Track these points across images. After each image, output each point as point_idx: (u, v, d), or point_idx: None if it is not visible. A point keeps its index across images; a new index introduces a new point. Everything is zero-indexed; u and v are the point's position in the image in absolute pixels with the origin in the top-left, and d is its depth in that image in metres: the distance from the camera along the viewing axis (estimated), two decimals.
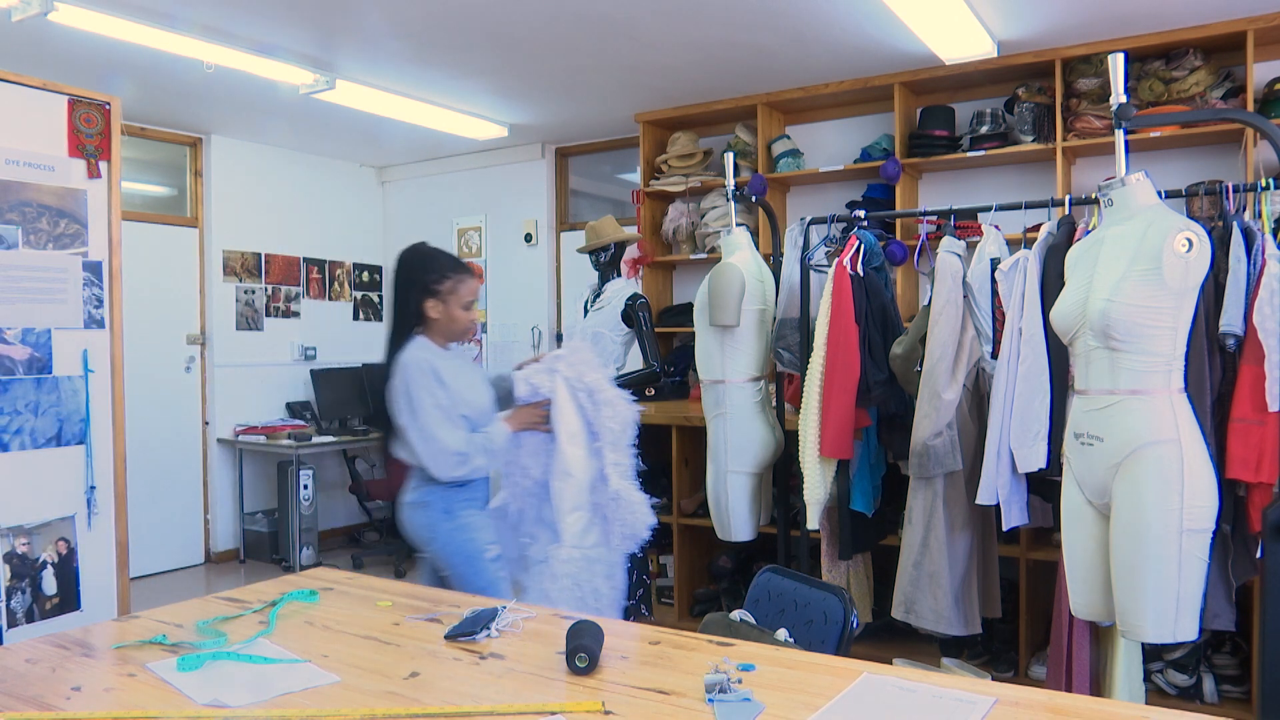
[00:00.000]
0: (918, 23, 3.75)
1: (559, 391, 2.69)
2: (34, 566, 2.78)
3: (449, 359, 2.61)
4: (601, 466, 2.69)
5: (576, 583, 2.66)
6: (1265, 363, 2.40)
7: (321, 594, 2.08)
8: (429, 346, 2.58)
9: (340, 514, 6.49)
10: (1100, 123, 4.05)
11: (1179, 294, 2.23)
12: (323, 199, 6.50)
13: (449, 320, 2.59)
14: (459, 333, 2.63)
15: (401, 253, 2.67)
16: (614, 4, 3.66)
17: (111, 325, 2.99)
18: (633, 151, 5.56)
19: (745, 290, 3.50)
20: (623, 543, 2.73)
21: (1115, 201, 2.41)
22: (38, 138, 2.84)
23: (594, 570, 2.70)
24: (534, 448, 2.72)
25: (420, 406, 2.50)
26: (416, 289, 2.58)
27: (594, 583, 2.69)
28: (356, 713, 1.39)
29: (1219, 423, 2.50)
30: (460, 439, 2.52)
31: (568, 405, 2.68)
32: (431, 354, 2.56)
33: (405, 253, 2.66)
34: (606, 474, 2.68)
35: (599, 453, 2.69)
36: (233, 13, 3.72)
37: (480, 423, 2.61)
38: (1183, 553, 2.24)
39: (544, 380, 2.70)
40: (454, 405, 2.53)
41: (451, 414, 2.52)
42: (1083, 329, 2.35)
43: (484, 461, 2.57)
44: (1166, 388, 2.27)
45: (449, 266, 2.61)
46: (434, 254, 2.65)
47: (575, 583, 2.66)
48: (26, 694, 1.49)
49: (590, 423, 2.70)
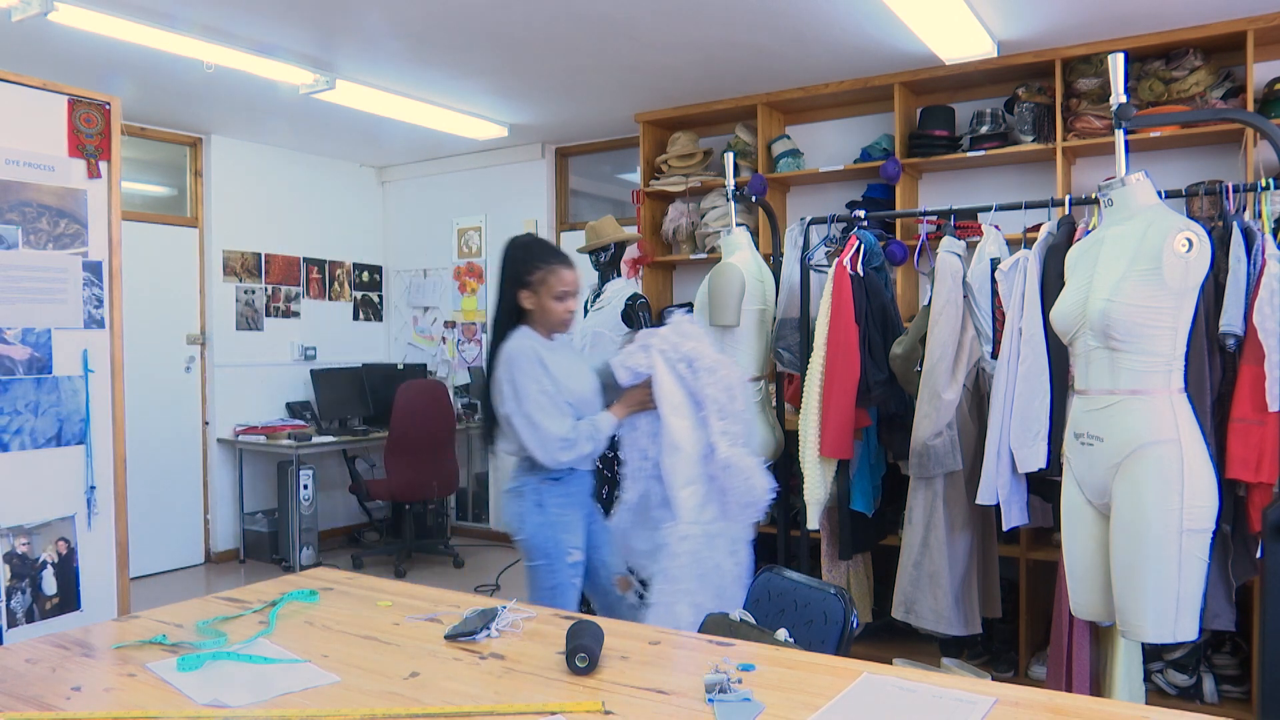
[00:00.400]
0: (918, 23, 3.75)
1: (656, 365, 2.61)
2: (34, 566, 2.78)
3: (553, 348, 2.61)
4: (709, 436, 2.59)
5: (697, 559, 2.58)
6: (1265, 363, 2.41)
7: (321, 594, 2.08)
8: (532, 336, 2.59)
9: (340, 514, 6.49)
10: (1100, 123, 4.05)
11: (1179, 294, 2.23)
12: (323, 199, 6.50)
13: (542, 311, 2.59)
14: (555, 323, 2.62)
15: (504, 245, 2.71)
16: (614, 4, 3.66)
17: (111, 325, 2.99)
18: (633, 151, 5.56)
19: (745, 290, 3.50)
20: (743, 513, 2.65)
21: (1115, 201, 2.42)
22: (38, 138, 2.84)
23: (715, 546, 2.61)
24: (651, 429, 2.64)
25: (525, 394, 2.50)
26: (511, 281, 2.61)
27: (715, 558, 2.60)
28: (356, 713, 1.39)
29: (1219, 423, 2.50)
30: (566, 425, 2.51)
31: (667, 378, 2.60)
32: (535, 343, 2.57)
33: (506, 244, 2.70)
34: (714, 443, 2.58)
35: (705, 422, 2.60)
36: (233, 13, 3.72)
37: (585, 412, 2.59)
38: (1183, 553, 2.24)
39: (640, 359, 2.63)
40: (559, 393, 2.53)
41: (557, 401, 2.52)
42: (1083, 329, 2.35)
43: (590, 449, 2.55)
44: (1166, 388, 2.27)
45: (540, 257, 2.61)
46: (528, 244, 2.68)
47: (695, 560, 2.58)
48: (26, 694, 1.49)
49: (692, 392, 2.60)
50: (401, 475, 5.50)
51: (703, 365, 2.61)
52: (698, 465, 2.61)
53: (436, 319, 6.70)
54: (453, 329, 6.61)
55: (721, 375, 2.62)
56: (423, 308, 6.77)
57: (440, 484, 5.65)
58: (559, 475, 2.59)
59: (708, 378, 2.61)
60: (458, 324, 6.59)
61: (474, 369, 6.51)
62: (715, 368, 2.62)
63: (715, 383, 2.61)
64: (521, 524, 2.61)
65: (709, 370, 2.61)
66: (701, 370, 2.61)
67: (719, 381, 2.62)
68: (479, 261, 6.46)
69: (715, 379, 2.61)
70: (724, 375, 2.63)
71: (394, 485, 5.52)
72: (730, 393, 2.63)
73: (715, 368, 2.62)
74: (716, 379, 2.61)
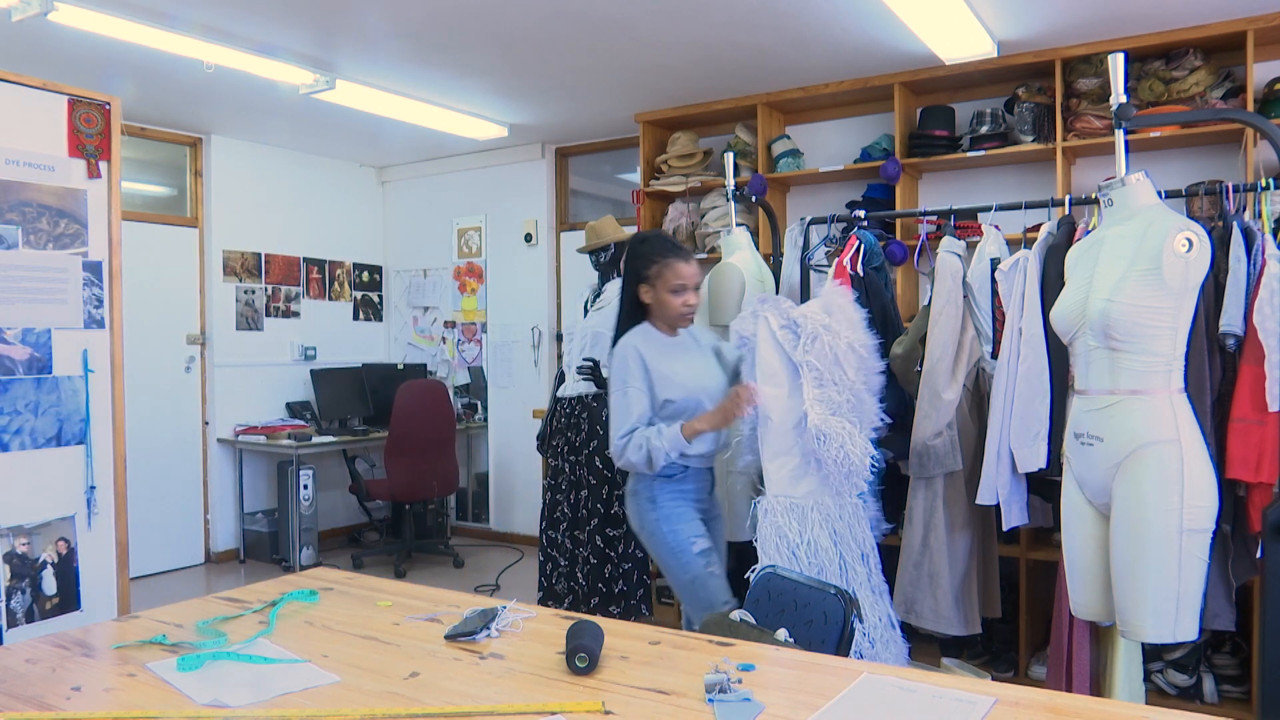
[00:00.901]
0: (918, 23, 3.75)
1: (760, 332, 2.55)
2: (34, 566, 2.77)
3: (668, 346, 2.61)
4: (802, 405, 2.49)
5: (781, 535, 2.51)
6: (1265, 363, 2.41)
7: (321, 594, 2.08)
8: (646, 332, 2.62)
9: (340, 514, 6.49)
10: (1100, 123, 4.05)
11: (1179, 294, 2.23)
12: (323, 199, 6.50)
13: (660, 305, 2.60)
14: (673, 317, 2.60)
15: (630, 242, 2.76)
16: (614, 4, 3.66)
17: (111, 325, 2.99)
18: (633, 151, 5.56)
19: (745, 290, 3.50)
20: (845, 484, 2.57)
21: (1115, 201, 2.42)
22: (38, 138, 2.84)
23: (808, 521, 2.54)
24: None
25: (612, 393, 2.57)
26: (632, 276, 2.64)
27: (810, 534, 2.52)
28: (356, 713, 1.39)
29: (1219, 423, 2.50)
30: (624, 430, 2.51)
31: (766, 345, 2.54)
32: (643, 339, 2.59)
33: (629, 240, 2.77)
34: (805, 411, 2.49)
35: (800, 391, 2.52)
36: (233, 13, 3.72)
37: (701, 406, 2.54)
38: (1183, 553, 2.24)
39: (748, 325, 2.59)
40: (662, 388, 2.52)
41: (633, 405, 2.51)
42: (1083, 329, 2.35)
43: (637, 459, 2.49)
44: (1166, 388, 2.27)
45: (657, 251, 2.61)
46: (648, 238, 2.72)
47: (779, 535, 2.50)
48: (26, 694, 1.49)
49: (792, 360, 2.52)
50: (401, 475, 5.49)
51: (806, 331, 2.54)
52: (789, 436, 2.53)
53: (436, 319, 6.70)
54: (453, 329, 6.61)
55: (825, 342, 2.54)
56: (423, 308, 6.77)
57: (440, 484, 5.65)
58: (671, 473, 2.57)
59: (809, 344, 2.53)
60: (458, 324, 6.59)
61: (474, 369, 6.51)
62: (817, 334, 2.53)
63: (817, 350, 2.53)
64: (641, 523, 2.62)
65: (811, 337, 2.53)
66: (804, 336, 2.53)
67: (821, 349, 2.53)
68: (479, 261, 6.46)
69: (818, 346, 2.53)
70: (829, 342, 2.54)
71: (394, 485, 5.52)
72: (837, 360, 2.53)
73: (817, 334, 2.53)
74: (818, 346, 2.53)
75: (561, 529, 3.90)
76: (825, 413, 2.50)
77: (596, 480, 3.78)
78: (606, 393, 3.81)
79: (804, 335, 2.55)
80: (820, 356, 2.52)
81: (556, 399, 4.00)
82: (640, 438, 2.49)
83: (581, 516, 3.82)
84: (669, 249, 2.58)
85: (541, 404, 5.47)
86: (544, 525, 3.99)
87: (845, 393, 2.55)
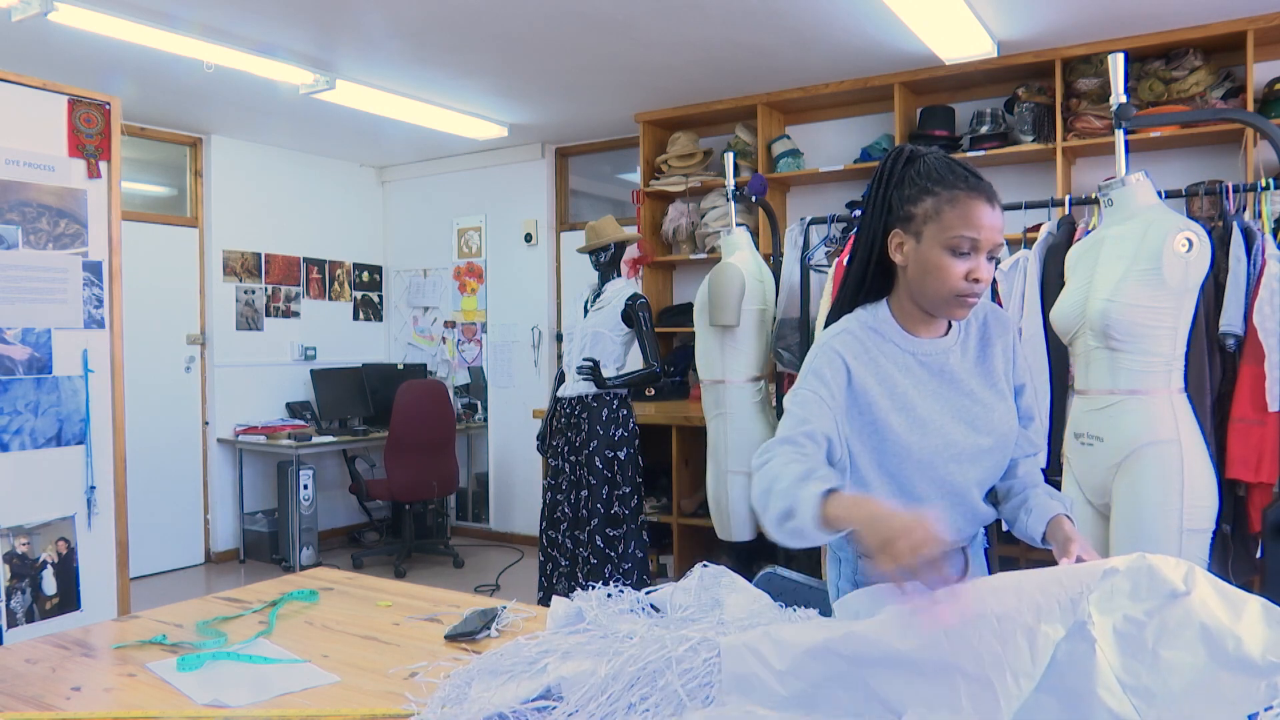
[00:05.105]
0: (918, 23, 3.75)
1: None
2: (34, 566, 2.78)
3: (909, 347, 1.52)
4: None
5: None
6: (1265, 363, 2.41)
7: (321, 594, 2.08)
8: (876, 319, 1.54)
9: (340, 514, 6.49)
10: (1100, 123, 4.06)
11: (1179, 294, 2.23)
12: (323, 199, 6.50)
13: (922, 269, 1.48)
14: (943, 295, 1.46)
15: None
16: (614, 4, 3.66)
17: (111, 325, 2.99)
18: (633, 151, 5.56)
19: (745, 290, 3.50)
20: None
21: (1115, 201, 2.42)
22: (38, 138, 2.84)
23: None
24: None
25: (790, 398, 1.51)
26: (881, 213, 1.59)
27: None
28: (356, 713, 1.39)
29: (1219, 423, 2.50)
30: (777, 438, 1.42)
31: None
32: (864, 335, 1.52)
33: (887, 155, 1.71)
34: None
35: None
36: (233, 13, 3.72)
37: (929, 469, 1.47)
38: (1183, 553, 2.24)
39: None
40: (871, 415, 1.46)
41: (806, 407, 1.43)
42: (1083, 329, 2.35)
43: (762, 502, 1.33)
44: (1166, 388, 2.27)
45: (936, 177, 1.51)
46: (920, 156, 1.58)
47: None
48: (26, 694, 1.49)
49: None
50: (401, 475, 5.49)
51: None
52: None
53: (436, 319, 6.70)
54: (453, 329, 6.61)
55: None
56: (423, 308, 6.77)
57: (440, 484, 5.65)
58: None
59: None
60: (458, 324, 6.59)
61: (474, 369, 6.51)
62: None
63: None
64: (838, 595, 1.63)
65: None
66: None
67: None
68: (479, 261, 6.46)
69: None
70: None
71: (394, 485, 5.52)
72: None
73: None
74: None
75: (562, 529, 3.90)
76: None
77: (597, 480, 3.78)
78: (607, 393, 3.84)
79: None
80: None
81: (556, 399, 4.00)
82: (784, 472, 1.31)
83: (582, 516, 3.82)
84: (957, 177, 1.47)
85: (541, 404, 5.47)
86: (544, 525, 3.99)
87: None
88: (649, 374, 3.78)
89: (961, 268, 1.43)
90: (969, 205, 1.44)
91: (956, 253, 1.43)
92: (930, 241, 1.45)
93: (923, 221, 1.46)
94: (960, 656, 1.09)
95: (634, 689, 1.18)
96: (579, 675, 1.22)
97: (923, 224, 1.46)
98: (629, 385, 3.80)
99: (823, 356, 1.49)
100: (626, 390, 3.83)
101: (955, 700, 1.08)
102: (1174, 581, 1.11)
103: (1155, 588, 1.12)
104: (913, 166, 1.52)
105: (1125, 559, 1.13)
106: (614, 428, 3.79)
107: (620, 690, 1.18)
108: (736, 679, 1.18)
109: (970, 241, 1.43)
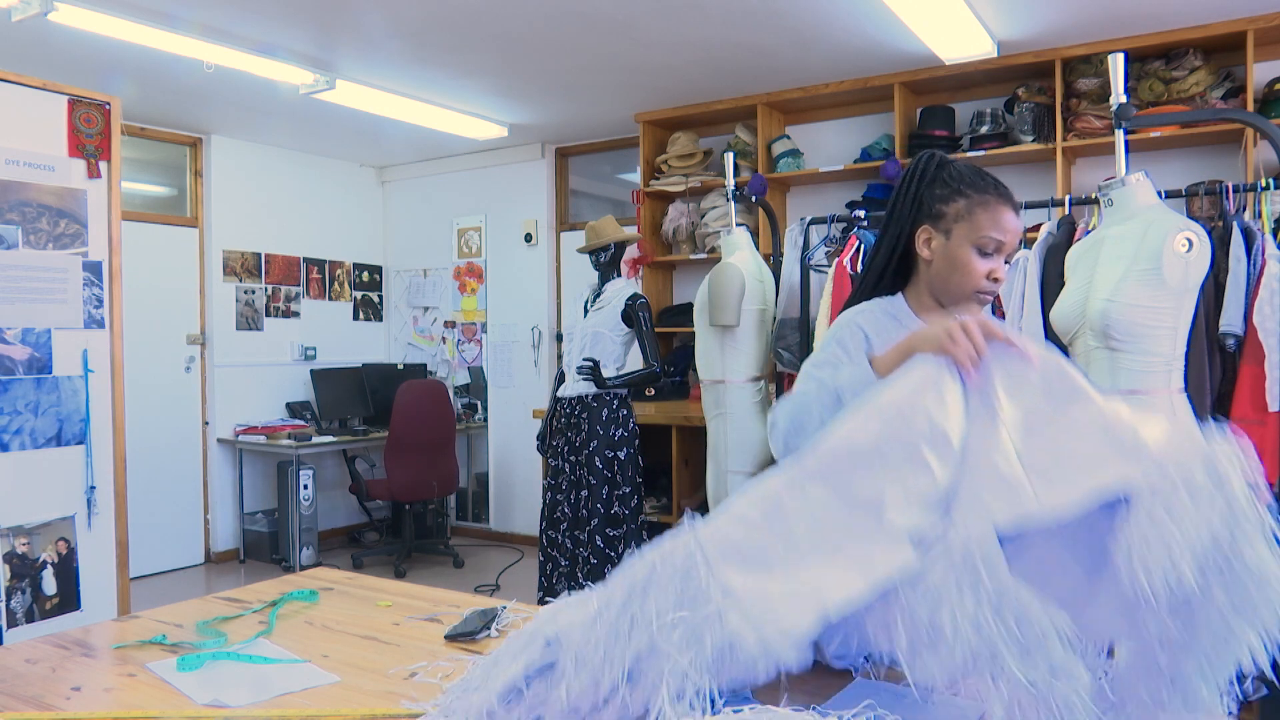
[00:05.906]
0: (918, 23, 3.75)
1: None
2: (34, 566, 2.78)
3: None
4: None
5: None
6: (1265, 363, 2.41)
7: (321, 594, 2.08)
8: (893, 309, 1.64)
9: (340, 514, 6.49)
10: (1100, 123, 4.06)
11: (1179, 294, 2.23)
12: (323, 199, 6.50)
13: (949, 264, 1.57)
14: (966, 290, 1.57)
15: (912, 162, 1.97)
16: (614, 4, 3.66)
17: (111, 325, 2.99)
18: (633, 151, 5.56)
19: (745, 290, 3.50)
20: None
21: (1115, 201, 2.42)
22: (38, 138, 2.84)
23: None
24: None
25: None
26: (910, 209, 1.68)
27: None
28: (356, 713, 1.39)
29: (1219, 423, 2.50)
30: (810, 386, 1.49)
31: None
32: (882, 318, 1.62)
33: (917, 157, 1.83)
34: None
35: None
36: (233, 13, 3.72)
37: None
38: None
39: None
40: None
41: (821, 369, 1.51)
42: (1083, 329, 2.35)
43: (784, 421, 1.49)
44: (1166, 388, 2.27)
45: (969, 182, 1.60)
46: (950, 161, 1.69)
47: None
48: (26, 694, 1.49)
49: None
50: (401, 475, 5.50)
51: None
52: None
53: (436, 319, 6.70)
54: (453, 329, 6.62)
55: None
56: (423, 308, 6.77)
57: (440, 484, 5.65)
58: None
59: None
60: (458, 324, 6.59)
61: (474, 369, 6.51)
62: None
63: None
64: None
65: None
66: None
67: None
68: (479, 261, 6.46)
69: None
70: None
71: (394, 485, 5.52)
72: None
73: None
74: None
75: (562, 529, 3.90)
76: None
77: (597, 480, 3.78)
78: (607, 393, 3.84)
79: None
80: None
81: (556, 399, 4.00)
82: (809, 387, 1.47)
83: (582, 516, 3.82)
84: (988, 184, 1.58)
85: (541, 404, 5.47)
86: (544, 525, 3.99)
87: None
88: (649, 374, 3.78)
89: (985, 267, 1.54)
90: (999, 210, 1.55)
91: (983, 252, 1.54)
92: (960, 239, 1.55)
93: (954, 220, 1.56)
94: (899, 434, 1.18)
95: (627, 607, 1.17)
96: (573, 622, 1.22)
97: (954, 222, 1.56)
98: (629, 385, 3.80)
99: (846, 329, 1.59)
100: (626, 390, 3.83)
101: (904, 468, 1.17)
102: (1082, 386, 1.21)
103: (1065, 389, 1.22)
104: (945, 170, 1.64)
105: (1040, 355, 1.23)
106: (614, 428, 3.79)
107: (615, 614, 1.17)
108: (723, 550, 1.18)
109: (996, 243, 1.54)
